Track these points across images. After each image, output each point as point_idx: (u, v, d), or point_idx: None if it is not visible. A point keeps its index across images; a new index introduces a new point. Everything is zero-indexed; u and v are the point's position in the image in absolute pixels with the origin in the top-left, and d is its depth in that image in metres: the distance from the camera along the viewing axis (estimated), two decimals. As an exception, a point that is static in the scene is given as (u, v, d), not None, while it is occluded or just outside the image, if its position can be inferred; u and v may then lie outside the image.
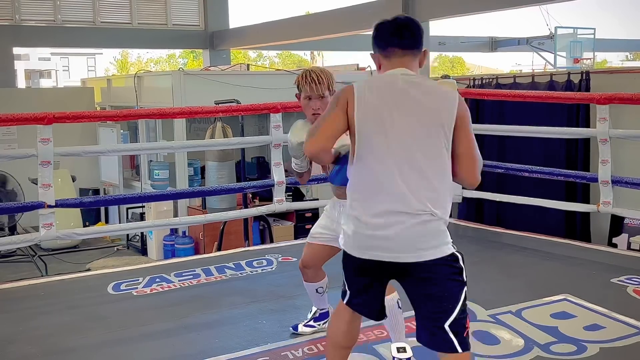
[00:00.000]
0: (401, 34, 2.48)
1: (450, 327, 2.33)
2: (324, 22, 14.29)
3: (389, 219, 2.34)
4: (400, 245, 2.34)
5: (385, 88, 2.44)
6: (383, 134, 2.37)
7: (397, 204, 2.34)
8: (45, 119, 4.73)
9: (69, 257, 8.92)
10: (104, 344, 3.62)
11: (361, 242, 2.41)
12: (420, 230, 2.34)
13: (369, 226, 2.38)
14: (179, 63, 37.56)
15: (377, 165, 2.38)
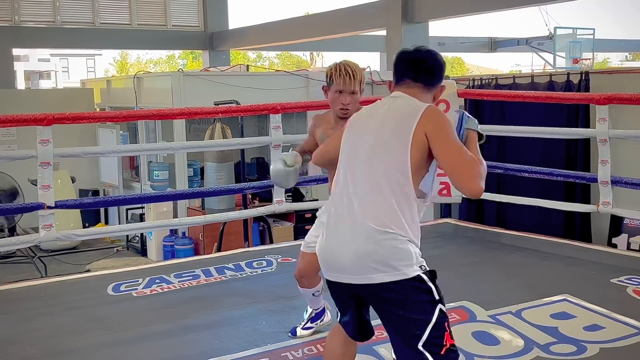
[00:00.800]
0: (418, 67, 2.49)
1: (424, 347, 2.26)
2: (324, 22, 14.29)
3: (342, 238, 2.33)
4: (354, 267, 2.29)
5: (367, 110, 2.53)
6: (353, 151, 2.42)
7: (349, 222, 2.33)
8: (44, 120, 4.73)
9: (68, 258, 8.92)
10: (103, 345, 3.62)
11: (323, 262, 2.42)
12: (373, 250, 2.26)
13: (330, 247, 2.37)
14: (179, 64, 37.54)
15: (340, 183, 2.41)
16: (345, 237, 2.30)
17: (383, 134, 2.36)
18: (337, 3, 14.49)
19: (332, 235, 2.36)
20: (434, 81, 2.51)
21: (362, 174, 2.34)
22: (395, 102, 2.46)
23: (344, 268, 2.31)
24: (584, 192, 6.69)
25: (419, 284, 2.27)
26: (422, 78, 2.49)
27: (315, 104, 5.92)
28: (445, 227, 6.30)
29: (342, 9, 13.74)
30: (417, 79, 2.48)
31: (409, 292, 2.26)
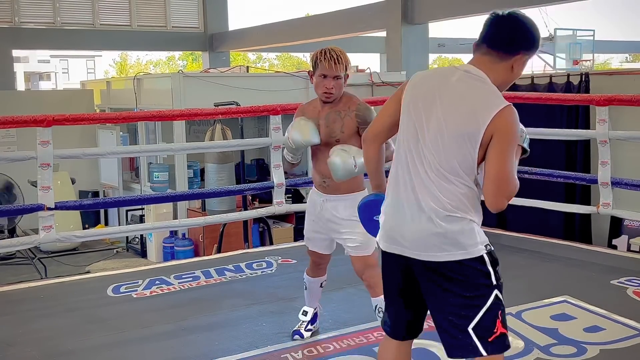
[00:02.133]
0: (497, 29, 2.27)
1: (474, 330, 2.22)
2: (324, 24, 14.31)
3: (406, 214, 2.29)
4: (418, 243, 2.26)
5: (435, 79, 2.33)
6: (418, 129, 2.27)
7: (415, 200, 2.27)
8: (44, 122, 4.73)
9: (68, 259, 8.91)
10: (103, 347, 3.62)
11: (386, 235, 2.37)
12: (439, 229, 2.23)
13: (396, 222, 2.33)
14: (179, 65, 37.56)
15: (402, 161, 2.31)
16: (411, 215, 2.27)
17: (453, 117, 2.22)
18: (337, 4, 14.50)
19: (398, 211, 2.31)
20: (510, 47, 2.25)
21: (429, 154, 2.24)
22: (469, 81, 2.26)
23: (407, 242, 2.28)
24: (584, 193, 6.69)
25: (480, 266, 2.24)
26: (497, 41, 2.25)
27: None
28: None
29: (342, 10, 13.75)
30: (491, 41, 2.26)
31: (468, 272, 2.23)
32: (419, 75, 2.38)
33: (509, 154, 2.20)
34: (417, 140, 2.27)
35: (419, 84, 2.33)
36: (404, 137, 2.31)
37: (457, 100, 2.23)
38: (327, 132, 3.21)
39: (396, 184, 2.33)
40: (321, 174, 3.26)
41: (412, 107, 2.30)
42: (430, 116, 2.25)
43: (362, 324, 3.66)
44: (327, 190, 3.25)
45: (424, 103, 2.28)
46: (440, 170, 2.22)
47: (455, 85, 2.26)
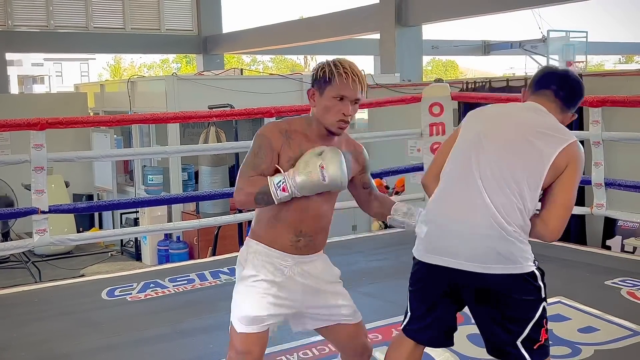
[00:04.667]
0: (564, 84, 2.42)
1: (522, 343, 2.29)
2: (318, 26, 14.33)
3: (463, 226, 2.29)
4: (472, 254, 2.26)
5: (497, 108, 2.57)
6: (480, 139, 2.34)
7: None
8: (38, 125, 4.72)
9: (62, 263, 8.89)
10: (98, 350, 3.61)
11: (432, 246, 2.35)
12: (496, 243, 2.24)
13: (446, 233, 2.32)
14: (173, 68, 37.53)
15: (460, 171, 2.34)
16: (468, 228, 2.26)
17: (525, 134, 2.30)
18: (331, 7, 14.52)
19: (453, 223, 2.28)
20: (572, 105, 2.44)
21: (493, 168, 2.27)
22: (538, 112, 2.38)
23: (460, 253, 2.26)
24: (578, 194, 6.70)
25: (532, 280, 2.27)
26: (563, 96, 2.40)
27: (309, 107, 5.92)
28: (440, 230, 6.31)
29: (336, 13, 13.78)
30: (558, 95, 2.40)
31: (521, 286, 2.26)
32: (480, 110, 2.49)
33: (576, 185, 2.32)
34: (478, 152, 2.31)
35: (482, 114, 2.46)
36: (462, 150, 2.36)
37: (530, 120, 2.34)
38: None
39: (451, 196, 2.34)
40: (300, 230, 2.34)
41: (473, 123, 2.42)
42: (497, 131, 2.34)
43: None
44: (301, 251, 2.37)
45: (487, 119, 2.42)
46: (503, 184, 2.25)
47: (525, 111, 2.40)
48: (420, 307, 2.42)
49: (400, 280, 4.57)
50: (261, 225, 2.40)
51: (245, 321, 2.36)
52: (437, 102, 6.23)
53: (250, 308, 2.34)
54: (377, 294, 4.40)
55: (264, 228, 2.38)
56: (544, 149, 2.25)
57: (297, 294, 2.39)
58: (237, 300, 2.43)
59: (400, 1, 11.41)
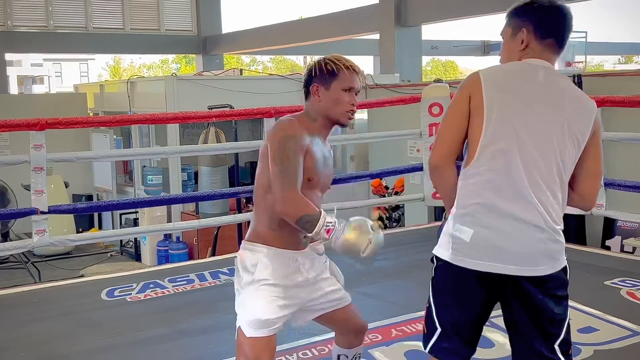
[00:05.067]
0: (566, 28, 2.14)
1: (559, 346, 2.11)
2: (317, 26, 14.34)
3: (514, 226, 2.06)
4: (524, 257, 2.06)
5: (519, 78, 2.11)
6: (518, 131, 2.05)
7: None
8: (37, 125, 4.72)
9: (62, 263, 8.89)
10: (98, 350, 3.61)
11: (481, 251, 2.07)
12: (547, 242, 2.08)
13: (496, 236, 2.06)
14: (172, 68, 37.53)
15: (502, 166, 2.06)
16: (520, 228, 2.04)
17: (565, 119, 2.06)
18: (330, 7, 14.53)
19: (497, 223, 2.05)
20: (564, 46, 2.17)
21: (540, 160, 2.04)
22: (558, 79, 2.13)
23: (512, 258, 2.04)
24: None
25: (564, 277, 2.13)
26: (563, 43, 2.15)
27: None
28: (440, 230, 6.30)
29: (336, 13, 13.78)
30: (562, 45, 2.14)
31: (561, 282, 2.11)
32: (493, 75, 2.13)
33: (601, 147, 2.18)
34: (522, 145, 2.04)
35: (501, 84, 2.10)
36: (501, 143, 2.05)
37: (562, 100, 2.09)
38: (330, 177, 2.48)
39: (493, 194, 2.05)
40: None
41: (505, 110, 2.06)
42: (536, 119, 2.05)
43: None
44: (304, 246, 2.44)
45: (520, 105, 2.07)
46: (548, 177, 2.06)
47: (549, 84, 2.11)
48: (455, 321, 2.15)
49: (400, 281, 4.58)
50: (268, 226, 2.37)
51: (255, 325, 2.33)
52: (437, 103, 6.23)
53: (261, 312, 2.32)
54: (376, 295, 4.40)
55: (273, 229, 2.36)
56: (579, 134, 2.08)
57: (303, 291, 2.41)
58: (247, 304, 2.39)
59: (399, 1, 11.41)
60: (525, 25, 2.13)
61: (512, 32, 2.17)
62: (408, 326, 3.72)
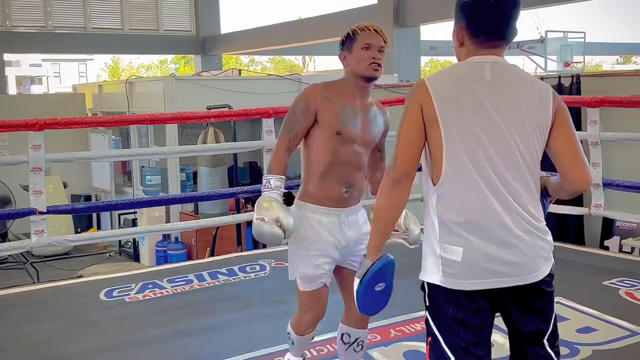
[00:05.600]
0: (506, 20, 1.99)
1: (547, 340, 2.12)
2: (316, 27, 14.32)
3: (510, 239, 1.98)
4: (522, 266, 2.01)
5: (464, 81, 1.98)
6: (482, 136, 1.95)
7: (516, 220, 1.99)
8: (36, 125, 4.72)
9: (60, 263, 8.89)
10: (96, 351, 3.61)
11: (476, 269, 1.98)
12: (538, 244, 2.04)
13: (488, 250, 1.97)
14: (171, 68, 37.53)
15: (475, 175, 1.95)
16: (507, 237, 1.96)
17: (525, 113, 1.97)
18: (329, 7, 14.52)
19: (487, 236, 1.96)
20: (515, 32, 2.03)
21: (511, 161, 1.96)
22: (504, 71, 2.00)
23: (507, 269, 1.98)
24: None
25: (552, 271, 2.12)
26: (508, 34, 2.01)
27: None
28: (438, 231, 6.31)
29: (334, 13, 13.78)
30: (500, 36, 2.00)
31: (550, 281, 2.10)
32: (441, 82, 2.01)
33: (572, 125, 2.07)
34: (486, 151, 1.94)
35: (449, 91, 1.98)
36: (465, 154, 1.94)
37: (515, 91, 1.98)
38: (370, 131, 2.65)
39: (473, 206, 1.96)
40: (345, 181, 2.62)
41: (460, 118, 1.95)
42: (493, 119, 1.95)
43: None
44: (347, 203, 2.65)
45: (474, 108, 1.95)
46: (524, 175, 1.98)
47: (498, 79, 1.99)
48: (468, 346, 2.07)
49: (398, 281, 4.57)
50: (312, 182, 2.65)
51: (304, 281, 2.65)
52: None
53: (307, 268, 2.62)
54: (375, 295, 4.40)
55: (316, 184, 2.64)
56: (540, 120, 1.98)
57: (343, 248, 2.64)
58: (294, 261, 2.68)
59: (398, 2, 11.42)
60: (459, 23, 2.04)
61: (453, 29, 2.08)
62: (407, 326, 3.72)
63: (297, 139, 2.63)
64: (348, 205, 2.65)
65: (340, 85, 2.65)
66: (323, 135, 2.59)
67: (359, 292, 2.10)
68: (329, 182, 2.61)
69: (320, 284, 2.63)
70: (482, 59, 2.00)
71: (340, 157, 2.59)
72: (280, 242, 2.62)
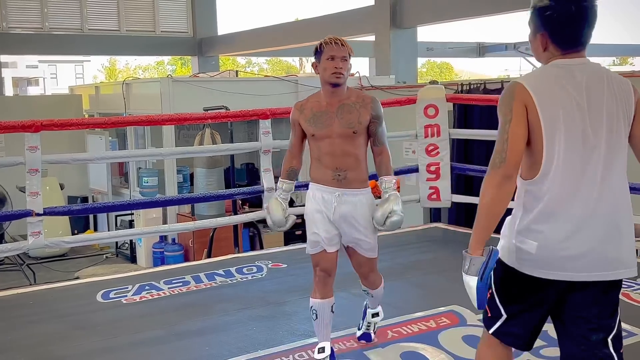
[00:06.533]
0: (588, 27, 2.15)
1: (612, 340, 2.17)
2: (313, 28, 14.32)
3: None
4: (601, 262, 2.10)
5: (559, 82, 2.12)
6: (584, 133, 2.09)
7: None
8: (33, 127, 4.71)
9: (57, 265, 8.87)
10: (93, 353, 3.60)
11: (549, 261, 2.10)
12: (624, 242, 2.12)
13: (563, 243, 2.08)
14: (168, 70, 37.51)
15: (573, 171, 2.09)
16: (603, 231, 2.07)
17: (616, 109, 2.11)
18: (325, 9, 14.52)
19: (583, 229, 2.07)
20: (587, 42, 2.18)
21: (598, 156, 2.08)
22: (591, 70, 2.15)
23: (594, 264, 2.08)
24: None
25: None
26: (591, 35, 2.17)
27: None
28: (435, 232, 6.32)
29: (331, 15, 13.79)
30: (581, 41, 2.16)
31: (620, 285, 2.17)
32: (538, 85, 2.13)
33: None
34: (592, 148, 2.08)
35: (546, 94, 2.11)
36: (567, 149, 2.08)
37: (603, 89, 2.12)
38: (343, 123, 3.15)
39: (568, 200, 2.08)
40: (335, 167, 3.16)
41: (563, 117, 2.08)
42: (590, 118, 2.09)
43: (354, 328, 3.66)
44: (342, 184, 3.17)
45: (570, 109, 2.09)
46: (619, 171, 2.12)
47: (589, 80, 2.13)
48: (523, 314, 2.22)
49: (395, 282, 4.58)
50: (312, 169, 3.26)
51: (308, 245, 3.25)
52: (432, 104, 6.24)
53: (311, 234, 3.23)
54: (372, 296, 4.40)
55: (314, 169, 3.24)
56: (627, 111, 2.12)
57: (338, 221, 3.18)
58: (307, 228, 3.27)
59: (395, 3, 11.42)
60: (540, 30, 2.16)
61: (532, 31, 2.20)
62: (404, 327, 3.72)
63: (295, 147, 3.35)
64: (344, 187, 3.17)
65: (316, 94, 3.29)
66: (308, 138, 3.26)
67: (481, 289, 2.14)
68: (322, 168, 3.20)
69: (320, 249, 3.19)
70: (569, 61, 2.14)
71: (322, 150, 3.18)
72: (276, 226, 3.39)
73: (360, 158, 3.19)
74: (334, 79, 3.12)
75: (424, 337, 3.60)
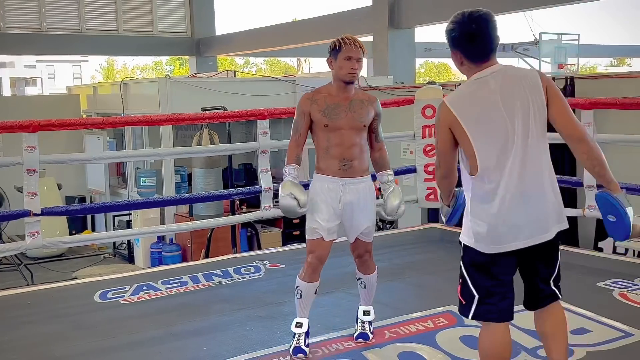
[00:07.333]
0: (490, 40, 2.55)
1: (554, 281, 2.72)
2: (311, 28, 14.34)
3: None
4: (540, 227, 2.58)
5: (479, 96, 2.55)
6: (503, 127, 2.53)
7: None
8: (30, 127, 4.71)
9: (55, 265, 8.86)
10: (91, 353, 3.60)
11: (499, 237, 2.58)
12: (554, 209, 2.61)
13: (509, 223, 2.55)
14: (166, 70, 37.48)
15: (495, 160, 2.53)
16: (531, 204, 2.53)
17: (524, 105, 2.52)
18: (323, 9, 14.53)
19: (515, 207, 2.52)
20: (497, 41, 2.58)
21: (517, 147, 2.52)
22: (502, 76, 2.55)
23: (531, 232, 2.55)
24: (570, 196, 6.71)
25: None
26: (496, 43, 2.56)
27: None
28: (433, 232, 6.32)
29: (329, 15, 13.80)
30: (489, 48, 2.55)
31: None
32: (461, 102, 2.56)
33: (562, 95, 2.64)
34: (513, 140, 2.52)
35: (466, 108, 2.54)
36: (489, 139, 2.52)
37: (515, 89, 2.52)
38: (354, 117, 3.34)
39: (501, 186, 2.53)
40: (341, 157, 3.33)
41: (484, 122, 2.53)
42: (511, 115, 2.51)
43: (351, 328, 3.66)
44: (347, 174, 3.34)
45: (492, 112, 2.52)
46: (537, 154, 2.59)
47: (501, 85, 2.53)
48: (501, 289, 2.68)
49: (393, 282, 4.58)
50: (319, 160, 3.38)
51: (307, 231, 3.36)
52: (430, 105, 6.24)
53: (311, 222, 3.35)
54: (370, 296, 4.40)
55: (321, 160, 3.37)
56: (539, 100, 2.53)
57: (342, 211, 3.33)
58: (307, 216, 3.37)
59: (393, 4, 11.43)
60: (454, 49, 2.57)
61: (450, 50, 2.60)
62: (402, 328, 3.72)
63: (302, 136, 3.40)
64: (349, 176, 3.33)
65: (326, 87, 3.42)
66: (318, 128, 3.35)
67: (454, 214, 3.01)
68: (329, 158, 3.34)
69: (318, 236, 3.32)
70: (483, 73, 2.55)
71: (332, 141, 3.33)
72: (295, 210, 3.28)
73: (364, 148, 3.40)
74: (349, 78, 3.32)
75: (421, 337, 3.60)
